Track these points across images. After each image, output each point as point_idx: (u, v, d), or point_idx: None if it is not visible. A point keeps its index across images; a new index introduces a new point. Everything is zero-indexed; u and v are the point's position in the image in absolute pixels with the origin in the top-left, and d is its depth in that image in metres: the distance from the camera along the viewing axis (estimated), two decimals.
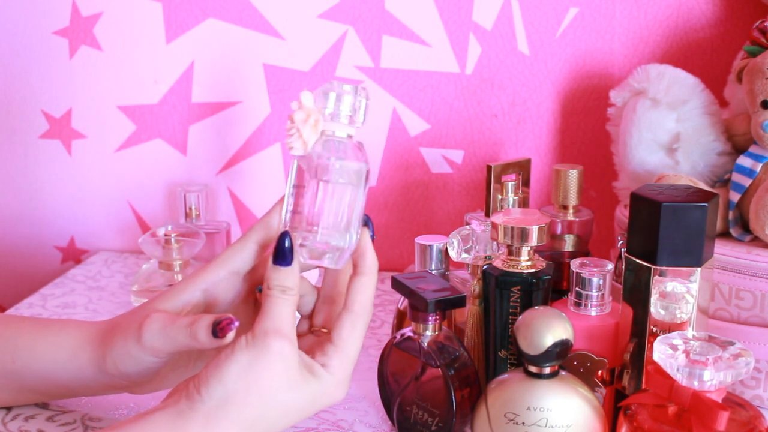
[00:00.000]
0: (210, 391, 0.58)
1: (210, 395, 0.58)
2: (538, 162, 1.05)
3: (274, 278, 0.60)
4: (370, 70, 1.06)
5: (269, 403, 0.58)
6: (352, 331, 0.61)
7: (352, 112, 0.62)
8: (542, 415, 0.63)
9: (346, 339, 0.61)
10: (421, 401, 0.71)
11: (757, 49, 0.80)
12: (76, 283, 1.05)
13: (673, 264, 0.65)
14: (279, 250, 0.60)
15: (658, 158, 0.83)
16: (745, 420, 0.60)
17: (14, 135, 1.15)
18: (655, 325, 0.66)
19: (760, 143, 0.77)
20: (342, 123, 0.62)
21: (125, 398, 0.78)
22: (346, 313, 0.62)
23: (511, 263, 0.71)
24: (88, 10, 1.09)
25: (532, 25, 1.02)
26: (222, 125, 1.10)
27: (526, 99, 1.04)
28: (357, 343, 0.62)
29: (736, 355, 0.59)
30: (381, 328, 0.94)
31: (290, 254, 0.60)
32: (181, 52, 1.09)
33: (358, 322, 0.62)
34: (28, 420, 0.74)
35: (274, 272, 0.60)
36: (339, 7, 1.05)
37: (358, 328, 0.62)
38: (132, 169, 1.14)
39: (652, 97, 0.83)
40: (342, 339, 0.61)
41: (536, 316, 0.64)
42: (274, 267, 0.60)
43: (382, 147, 1.08)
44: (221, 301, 0.65)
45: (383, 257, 1.12)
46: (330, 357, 0.61)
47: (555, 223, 0.84)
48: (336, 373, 0.60)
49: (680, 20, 0.99)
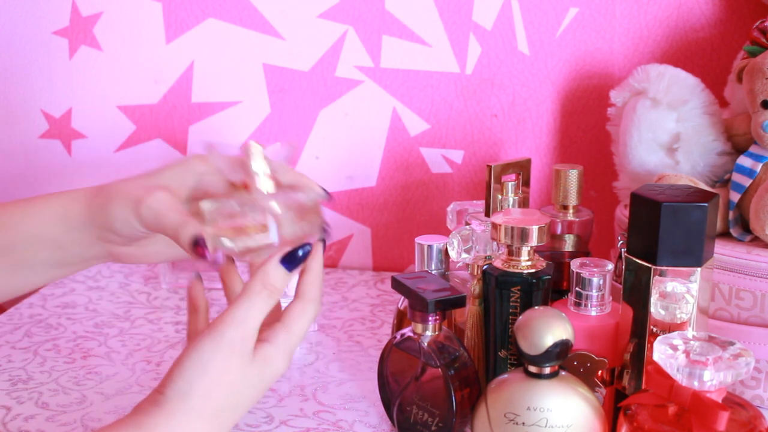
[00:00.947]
0: (173, 387, 0.59)
1: (174, 391, 0.59)
2: (538, 162, 1.05)
3: (273, 275, 0.61)
4: (370, 70, 1.06)
5: (230, 395, 0.60)
6: (301, 313, 0.63)
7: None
8: (542, 415, 0.63)
9: (294, 318, 0.63)
10: (421, 401, 0.71)
11: (757, 49, 0.80)
12: (76, 283, 1.05)
13: (673, 264, 0.65)
14: (294, 256, 0.62)
15: (658, 158, 0.83)
16: (745, 420, 0.60)
17: (14, 135, 1.15)
18: (655, 325, 0.66)
19: (760, 143, 0.77)
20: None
21: (126, 399, 0.78)
22: (298, 301, 0.64)
23: (511, 263, 0.71)
24: (88, 10, 1.09)
25: (532, 25, 1.02)
26: (222, 125, 1.10)
27: (526, 99, 1.04)
28: (303, 324, 0.64)
29: (736, 355, 0.59)
30: (381, 328, 0.94)
31: (300, 263, 0.62)
32: (181, 52, 1.09)
33: (308, 308, 0.64)
34: (28, 420, 0.74)
35: (275, 270, 0.61)
36: (339, 7, 1.05)
37: (307, 312, 0.64)
38: (132, 169, 1.13)
39: (652, 97, 0.83)
40: (290, 318, 0.63)
41: (536, 316, 0.64)
42: (279, 266, 0.62)
43: (382, 147, 1.08)
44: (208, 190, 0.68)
45: (383, 257, 1.12)
46: (277, 331, 0.62)
47: (555, 223, 0.84)
48: (280, 345, 0.62)
49: (680, 20, 0.99)
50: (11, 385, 0.81)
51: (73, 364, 0.85)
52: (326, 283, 1.06)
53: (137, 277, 1.08)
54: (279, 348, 0.62)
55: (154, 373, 0.84)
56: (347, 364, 0.86)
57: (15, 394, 0.79)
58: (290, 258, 0.62)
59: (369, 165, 1.09)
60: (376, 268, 1.13)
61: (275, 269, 0.61)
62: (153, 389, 0.61)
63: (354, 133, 1.08)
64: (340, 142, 1.09)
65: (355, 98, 1.07)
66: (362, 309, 0.99)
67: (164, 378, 0.60)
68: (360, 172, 1.09)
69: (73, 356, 0.87)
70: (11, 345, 0.89)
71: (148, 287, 1.05)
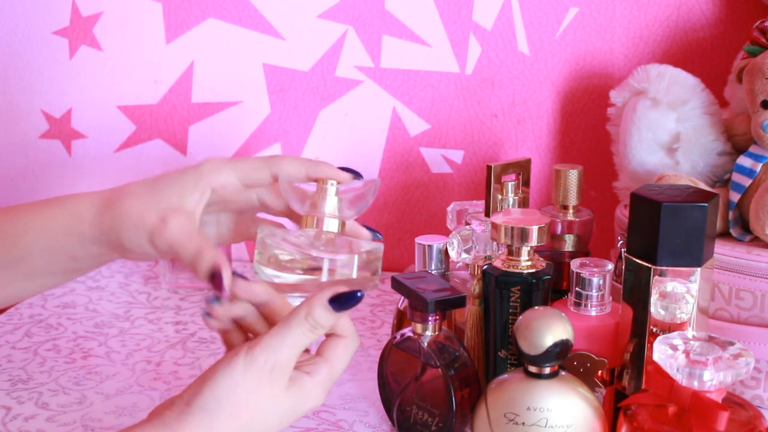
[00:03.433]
0: (201, 402, 0.58)
1: (200, 406, 0.58)
2: (538, 162, 1.05)
3: (318, 315, 0.60)
4: (370, 70, 1.06)
5: (257, 417, 0.59)
6: (345, 351, 0.63)
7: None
8: (542, 415, 0.63)
9: (339, 356, 0.63)
10: (421, 401, 0.71)
11: (757, 49, 0.80)
12: (76, 283, 1.05)
13: (673, 264, 0.65)
14: (347, 299, 0.61)
15: (658, 158, 0.83)
16: (745, 420, 0.60)
17: (14, 135, 1.15)
18: (655, 325, 0.66)
19: (760, 143, 0.77)
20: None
21: (126, 399, 0.78)
22: (341, 338, 0.63)
23: (511, 263, 0.71)
24: (88, 10, 1.09)
25: (532, 25, 1.02)
26: (222, 125, 1.10)
27: (526, 99, 1.04)
28: (345, 362, 0.63)
29: (736, 355, 0.59)
30: (381, 328, 0.94)
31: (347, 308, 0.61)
32: (181, 52, 1.09)
33: (351, 345, 0.63)
34: (28, 420, 0.74)
35: (323, 308, 0.60)
36: (339, 7, 1.05)
37: (350, 350, 0.63)
38: (132, 169, 1.14)
39: (652, 97, 0.82)
40: (335, 355, 0.62)
41: (536, 316, 0.64)
42: (328, 306, 0.60)
43: (382, 147, 1.08)
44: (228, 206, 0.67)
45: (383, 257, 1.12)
46: (320, 366, 0.62)
47: (555, 223, 0.84)
48: (321, 381, 0.61)
49: (680, 20, 0.99)
50: (11, 385, 0.81)
51: (73, 364, 0.85)
52: None
53: (137, 277, 1.08)
54: (318, 383, 0.61)
55: (154, 373, 0.84)
56: None
57: (15, 394, 0.79)
58: (341, 301, 0.60)
59: (369, 165, 1.09)
60: None
61: (323, 307, 0.60)
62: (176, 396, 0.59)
63: (354, 133, 1.08)
64: (340, 142, 1.09)
65: (355, 98, 1.07)
66: (362, 309, 0.99)
67: (191, 386, 0.59)
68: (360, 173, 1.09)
69: (73, 356, 0.87)
70: (11, 345, 0.89)
71: (148, 287, 1.05)
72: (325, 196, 0.64)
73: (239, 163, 0.66)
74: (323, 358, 0.62)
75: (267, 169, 0.66)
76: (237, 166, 0.66)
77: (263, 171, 0.66)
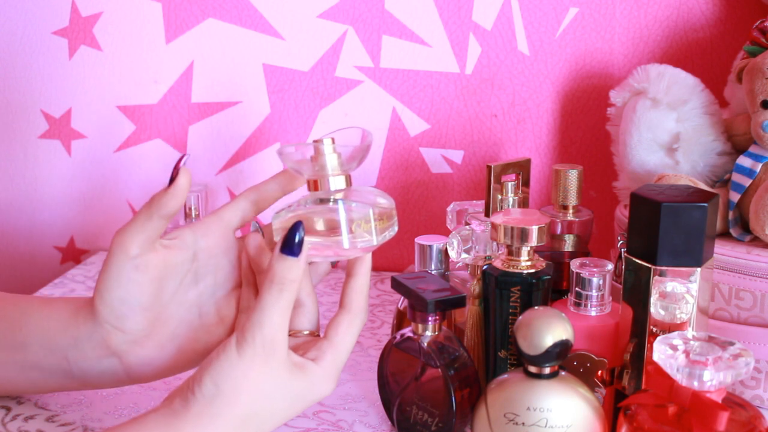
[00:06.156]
0: (202, 389, 0.58)
1: (202, 393, 0.58)
2: (538, 162, 1.05)
3: (278, 269, 0.59)
4: (369, 70, 1.06)
5: (260, 402, 0.59)
6: (348, 329, 0.62)
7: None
8: (542, 415, 0.63)
9: (341, 336, 0.62)
10: (421, 401, 0.71)
11: (757, 49, 0.80)
12: (75, 283, 1.05)
13: (673, 264, 0.65)
14: (289, 239, 0.59)
15: (658, 158, 0.83)
16: (745, 420, 0.60)
17: (14, 135, 1.15)
18: (655, 325, 0.66)
19: (760, 143, 0.77)
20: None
21: (125, 400, 0.78)
22: (344, 313, 0.62)
23: (511, 263, 0.71)
24: (88, 10, 1.09)
25: (532, 25, 1.02)
26: (222, 125, 1.10)
27: (526, 99, 1.04)
28: (351, 341, 0.62)
29: (736, 355, 0.59)
30: (381, 328, 0.94)
31: (300, 246, 0.59)
32: (180, 52, 1.09)
33: (355, 321, 0.62)
34: (27, 420, 0.74)
35: (279, 262, 0.59)
36: (339, 7, 1.05)
37: (354, 327, 0.62)
38: (132, 169, 1.14)
39: (652, 97, 0.83)
40: (338, 335, 0.62)
41: (536, 316, 0.64)
42: (280, 256, 0.59)
43: (382, 147, 1.08)
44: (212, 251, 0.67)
45: (383, 257, 1.12)
46: (323, 351, 0.61)
47: (555, 223, 0.84)
48: (327, 367, 0.61)
49: (680, 20, 0.99)
50: None
51: None
52: (326, 282, 1.06)
53: None
54: (326, 369, 0.60)
55: None
56: (347, 364, 0.85)
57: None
58: (288, 243, 0.59)
59: (369, 165, 1.09)
60: (376, 268, 1.12)
61: (277, 261, 0.59)
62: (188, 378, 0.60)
63: None
64: (340, 142, 1.09)
65: (355, 98, 1.07)
66: None
67: (197, 372, 0.59)
68: (360, 172, 1.09)
69: None
70: None
71: None
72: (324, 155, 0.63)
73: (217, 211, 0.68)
74: (327, 341, 0.61)
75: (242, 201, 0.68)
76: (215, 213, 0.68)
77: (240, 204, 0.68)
